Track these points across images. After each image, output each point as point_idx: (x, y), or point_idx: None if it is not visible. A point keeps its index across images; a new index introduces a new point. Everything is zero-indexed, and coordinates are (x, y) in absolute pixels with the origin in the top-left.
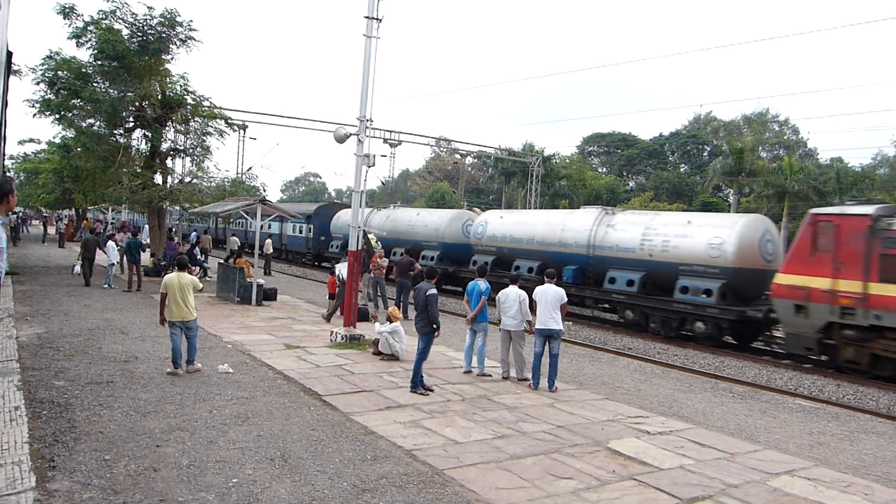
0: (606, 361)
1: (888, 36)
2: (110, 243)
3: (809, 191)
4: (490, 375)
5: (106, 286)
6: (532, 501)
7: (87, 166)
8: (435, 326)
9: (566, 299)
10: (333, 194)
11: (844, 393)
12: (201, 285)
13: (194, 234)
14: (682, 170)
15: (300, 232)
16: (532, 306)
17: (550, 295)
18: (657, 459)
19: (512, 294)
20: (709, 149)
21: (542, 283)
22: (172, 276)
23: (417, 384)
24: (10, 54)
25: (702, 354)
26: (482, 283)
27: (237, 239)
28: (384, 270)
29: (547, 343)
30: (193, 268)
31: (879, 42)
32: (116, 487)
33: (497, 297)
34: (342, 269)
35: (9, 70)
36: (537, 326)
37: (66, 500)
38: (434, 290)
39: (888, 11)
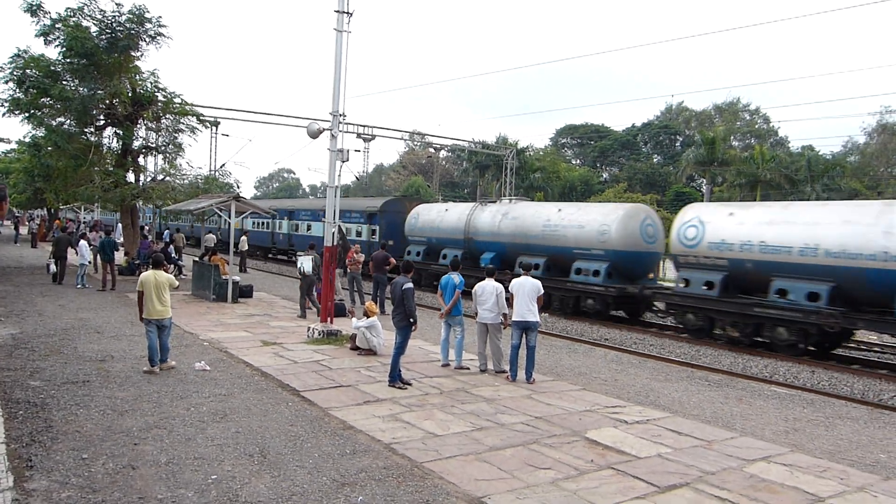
0: (583, 352)
1: (856, 24)
2: (83, 242)
3: (781, 179)
4: (468, 368)
5: (80, 286)
6: (511, 492)
7: (58, 165)
8: (412, 320)
9: (542, 291)
10: (308, 190)
11: (819, 379)
12: (177, 283)
13: (167, 231)
14: (654, 160)
15: (358, 235)
16: (509, 299)
17: (527, 287)
18: (635, 448)
19: (488, 287)
20: (681, 139)
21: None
22: (149, 275)
23: (395, 378)
24: None
25: (678, 344)
26: (456, 277)
27: (213, 236)
28: (360, 266)
29: (524, 335)
30: (168, 266)
31: (848, 30)
32: (95, 486)
33: (473, 291)
34: (304, 261)
35: None
36: (514, 318)
37: (45, 499)
38: (410, 285)
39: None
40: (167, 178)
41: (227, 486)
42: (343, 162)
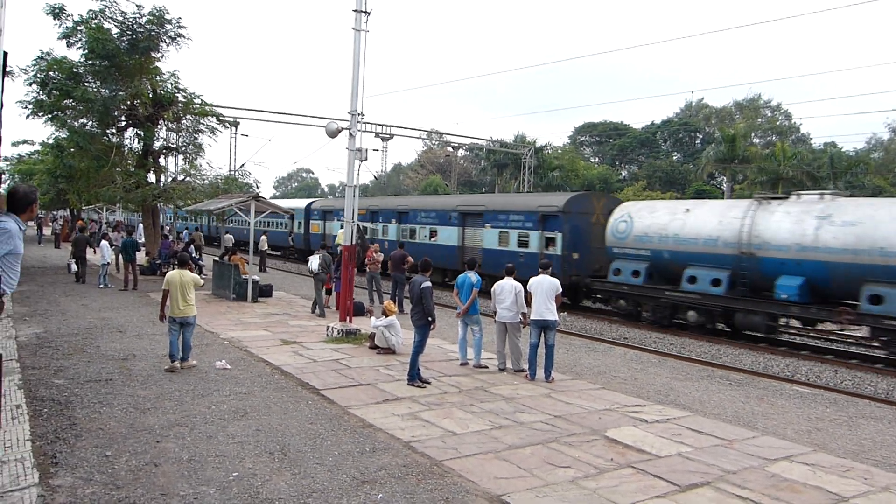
0: (602, 351)
1: (880, 18)
2: (104, 242)
3: (804, 176)
4: (486, 367)
5: (102, 285)
6: (531, 490)
7: (80, 166)
8: (430, 319)
9: (561, 290)
10: (326, 189)
11: (842, 379)
12: (202, 282)
13: (186, 231)
14: (674, 158)
15: (522, 244)
16: (527, 298)
17: (545, 286)
18: (655, 447)
19: (507, 286)
20: (701, 136)
21: None
22: (174, 274)
23: (414, 377)
24: (5, 55)
25: (697, 343)
26: (473, 276)
27: (231, 236)
28: (379, 265)
29: (542, 334)
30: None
31: (872, 25)
32: (118, 482)
33: (493, 289)
34: (312, 260)
35: (4, 71)
36: (533, 317)
37: (69, 496)
38: (429, 283)
39: None
40: (188, 178)
41: (248, 483)
42: (361, 161)
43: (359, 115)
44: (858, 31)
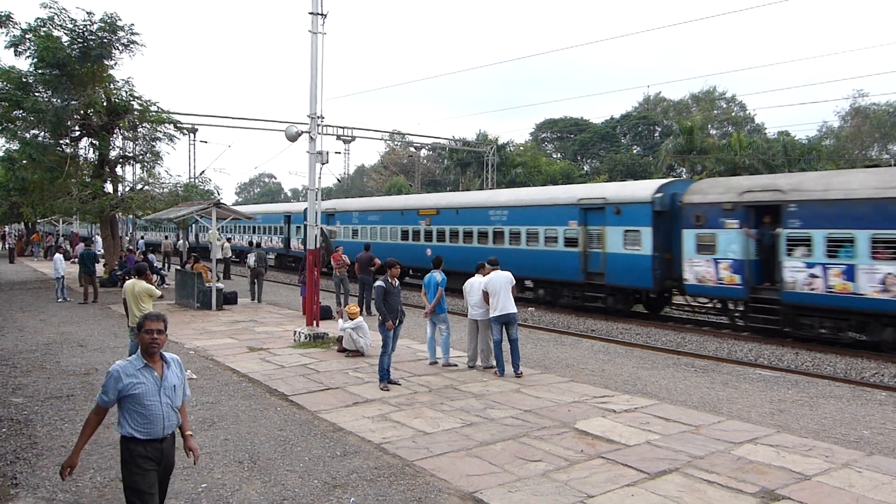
0: (570, 344)
1: (828, 9)
2: (57, 255)
3: (759, 165)
4: (456, 365)
5: (60, 299)
6: (503, 486)
7: (33, 178)
8: (381, 318)
9: (514, 282)
10: (290, 194)
11: (803, 361)
12: (159, 293)
13: (141, 241)
14: (634, 151)
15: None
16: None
17: (503, 280)
18: (624, 437)
19: (476, 283)
20: (659, 129)
21: None
22: (129, 283)
23: (383, 378)
24: None
25: (663, 332)
26: (438, 275)
27: (170, 241)
28: (346, 268)
29: (504, 329)
30: (151, 275)
31: (820, 15)
32: (82, 500)
33: (463, 288)
34: (250, 257)
35: None
36: (496, 313)
37: None
38: (378, 283)
39: None
40: (146, 187)
41: (218, 493)
42: (323, 164)
43: (319, 118)
44: (808, 22)
